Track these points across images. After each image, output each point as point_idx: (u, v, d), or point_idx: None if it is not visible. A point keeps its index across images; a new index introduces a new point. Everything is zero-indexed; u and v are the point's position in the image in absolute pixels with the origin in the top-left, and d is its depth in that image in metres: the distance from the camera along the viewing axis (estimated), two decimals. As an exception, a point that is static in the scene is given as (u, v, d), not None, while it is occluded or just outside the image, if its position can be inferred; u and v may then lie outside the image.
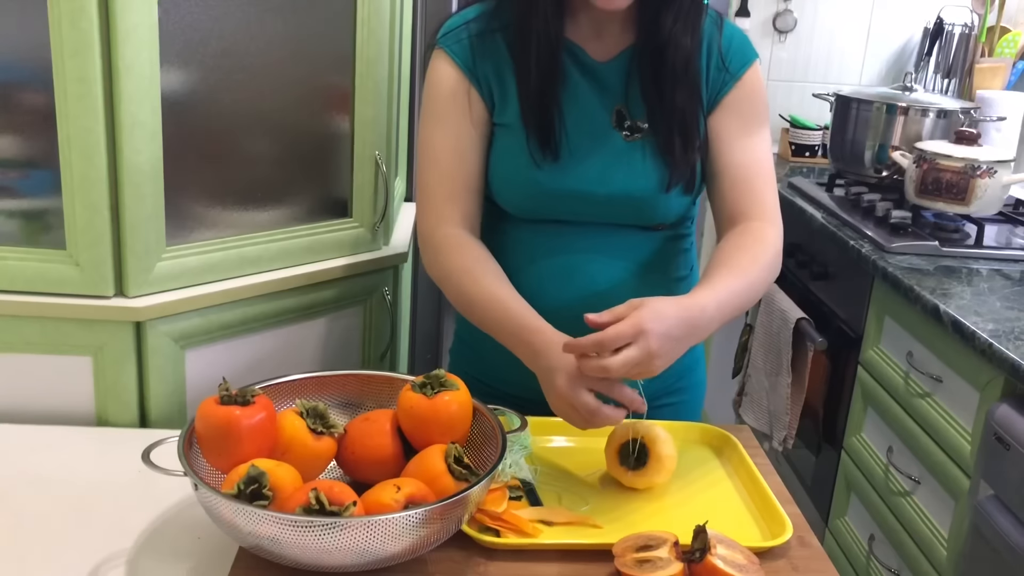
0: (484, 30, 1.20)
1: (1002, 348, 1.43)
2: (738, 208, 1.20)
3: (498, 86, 1.20)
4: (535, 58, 1.16)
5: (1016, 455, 1.38)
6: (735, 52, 1.22)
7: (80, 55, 1.15)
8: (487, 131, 1.21)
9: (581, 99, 1.19)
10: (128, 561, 0.96)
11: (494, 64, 1.20)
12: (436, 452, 0.96)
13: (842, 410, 2.04)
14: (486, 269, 1.16)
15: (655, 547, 0.92)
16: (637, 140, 1.19)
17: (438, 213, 1.20)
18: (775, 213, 1.21)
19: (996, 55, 2.73)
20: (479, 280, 1.15)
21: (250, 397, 0.95)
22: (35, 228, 1.24)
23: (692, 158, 1.19)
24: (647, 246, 1.24)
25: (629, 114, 1.20)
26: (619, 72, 1.20)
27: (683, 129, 1.18)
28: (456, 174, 1.19)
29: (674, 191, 1.20)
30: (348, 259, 1.49)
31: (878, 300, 1.91)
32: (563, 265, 1.21)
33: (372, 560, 0.86)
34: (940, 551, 1.61)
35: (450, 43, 1.21)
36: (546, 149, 1.17)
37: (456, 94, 1.19)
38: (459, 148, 1.19)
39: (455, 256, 1.17)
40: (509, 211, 1.23)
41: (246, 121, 1.36)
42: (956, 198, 2.03)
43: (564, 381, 1.02)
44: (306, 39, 1.39)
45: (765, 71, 3.09)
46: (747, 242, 1.16)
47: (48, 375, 1.26)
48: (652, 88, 1.18)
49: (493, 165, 1.21)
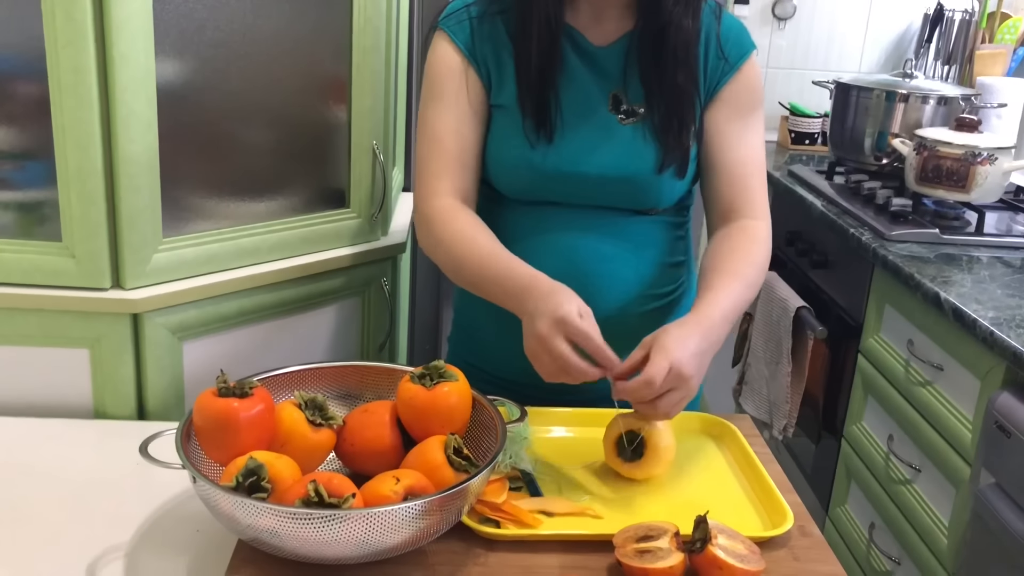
0: (484, 13, 1.22)
1: (1003, 336, 1.42)
2: (733, 206, 1.23)
3: (496, 68, 1.21)
4: (535, 42, 1.17)
5: (1017, 443, 1.37)
6: (734, 42, 1.23)
7: (74, 45, 1.14)
8: (484, 111, 1.23)
9: (578, 83, 1.20)
10: (126, 554, 0.96)
11: (493, 46, 1.21)
12: (435, 443, 0.96)
13: (842, 398, 2.03)
14: (477, 231, 1.17)
15: (656, 537, 0.91)
16: (632, 123, 1.20)
17: (431, 187, 1.21)
18: (765, 208, 1.25)
19: (996, 41, 2.72)
20: (470, 241, 1.16)
21: (248, 389, 0.94)
22: (31, 220, 1.23)
23: (686, 141, 1.21)
24: (643, 230, 1.24)
25: (626, 99, 1.21)
26: (617, 57, 1.21)
27: (680, 111, 1.19)
28: (451, 149, 1.21)
29: (667, 174, 1.20)
30: (346, 250, 1.49)
31: (878, 288, 1.91)
32: (559, 247, 1.22)
33: (372, 552, 0.86)
34: (941, 539, 1.61)
35: (451, 24, 1.23)
36: (541, 130, 1.18)
37: (454, 74, 1.21)
38: (455, 126, 1.21)
39: (447, 224, 1.18)
40: (505, 194, 1.24)
41: (242, 111, 1.35)
42: (956, 185, 2.02)
43: (546, 326, 1.01)
44: (302, 28, 1.38)
45: (764, 58, 3.08)
46: (742, 243, 1.19)
47: (45, 367, 1.26)
48: (652, 71, 1.19)
49: (489, 147, 1.23)
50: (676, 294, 1.29)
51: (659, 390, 0.99)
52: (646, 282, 1.25)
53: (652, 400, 1.00)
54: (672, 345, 1.00)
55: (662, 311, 1.27)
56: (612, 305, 1.22)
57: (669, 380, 0.99)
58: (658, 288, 1.26)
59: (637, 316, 1.24)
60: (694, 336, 1.03)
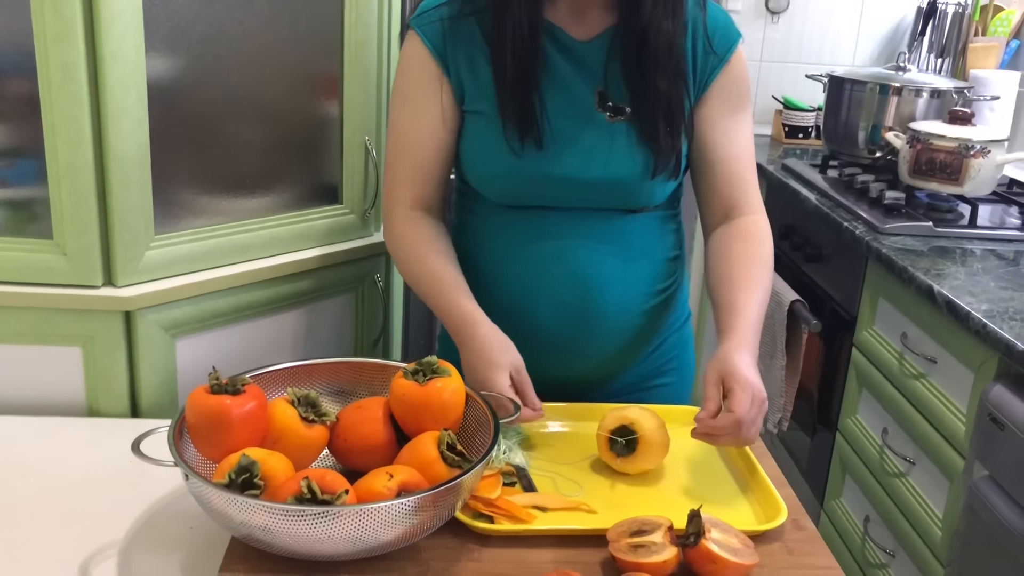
0: (458, 13, 1.18)
1: (996, 328, 1.43)
2: (731, 202, 1.22)
3: (469, 72, 1.18)
4: (511, 45, 1.13)
5: (1010, 435, 1.38)
6: (720, 34, 1.21)
7: (64, 42, 1.13)
8: (455, 117, 1.20)
9: (562, 81, 1.17)
10: (120, 552, 0.96)
11: (466, 49, 1.17)
12: (429, 439, 0.96)
13: (837, 392, 2.04)
14: (427, 249, 1.19)
15: (649, 532, 0.91)
16: (620, 122, 1.18)
17: (392, 194, 1.22)
18: (760, 202, 1.25)
19: (989, 34, 2.72)
20: (419, 262, 1.19)
21: (240, 386, 0.94)
22: (21, 217, 1.23)
23: (677, 144, 1.19)
24: (633, 228, 1.22)
25: (612, 96, 1.18)
26: (600, 51, 1.18)
27: (668, 114, 1.17)
28: (412, 157, 1.20)
29: (659, 176, 1.19)
30: (339, 246, 1.49)
31: (872, 281, 1.91)
32: (548, 251, 1.20)
33: (365, 548, 0.86)
34: (935, 531, 1.62)
35: (422, 25, 1.19)
36: (528, 137, 1.15)
37: (424, 78, 1.19)
38: (420, 133, 1.19)
39: (401, 240, 1.21)
40: (493, 199, 1.22)
41: (234, 107, 1.35)
42: (950, 178, 2.03)
43: (475, 383, 1.08)
44: (294, 23, 1.37)
45: (758, 52, 3.08)
46: (750, 245, 1.20)
47: (38, 365, 1.25)
48: (635, 73, 1.16)
49: (468, 154, 1.20)
50: (673, 288, 1.29)
51: (751, 423, 1.01)
52: (645, 280, 1.24)
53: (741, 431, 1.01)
54: (745, 375, 1.02)
55: (660, 307, 1.27)
56: (613, 306, 1.22)
57: (755, 410, 1.01)
58: (657, 284, 1.25)
59: (638, 314, 1.24)
60: (750, 358, 1.05)
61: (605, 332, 1.22)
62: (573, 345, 1.21)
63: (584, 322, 1.21)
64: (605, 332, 1.22)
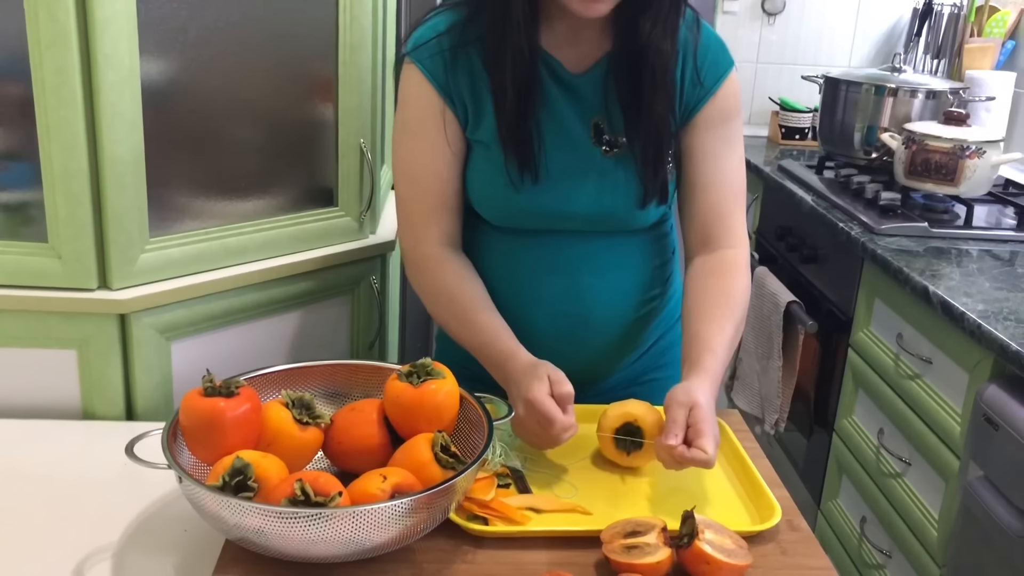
0: (457, 43, 1.15)
1: (991, 329, 1.43)
2: (710, 233, 1.21)
3: (472, 102, 1.16)
4: (510, 72, 1.12)
5: (1005, 436, 1.38)
6: (710, 65, 1.18)
7: (57, 45, 1.13)
8: (462, 148, 1.19)
9: (559, 115, 1.16)
10: (114, 555, 0.96)
11: (468, 80, 1.16)
12: (423, 441, 0.96)
13: (833, 393, 2.04)
14: (463, 288, 1.18)
15: (643, 533, 0.92)
16: (616, 156, 1.17)
17: (417, 234, 1.21)
18: (743, 235, 1.23)
19: (985, 35, 2.72)
20: (454, 302, 1.18)
21: (234, 388, 0.94)
22: (16, 221, 1.22)
23: (663, 173, 1.18)
24: (625, 243, 1.23)
25: (608, 127, 1.17)
26: (596, 83, 1.17)
27: (657, 141, 1.16)
28: (434, 192, 1.19)
29: (649, 205, 1.19)
30: (334, 248, 1.48)
31: (868, 282, 1.91)
32: (543, 265, 1.21)
33: (359, 550, 0.86)
34: (931, 532, 1.62)
35: (422, 57, 1.16)
36: (525, 171, 1.15)
37: (429, 112, 1.17)
38: (435, 166, 1.18)
39: (435, 276, 1.19)
40: (491, 222, 1.22)
41: (229, 110, 1.35)
42: (945, 179, 2.03)
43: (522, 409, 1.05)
44: (288, 26, 1.38)
45: (754, 54, 3.09)
46: (725, 282, 1.18)
47: (33, 369, 1.25)
48: (631, 95, 1.15)
49: (470, 182, 1.20)
50: (667, 293, 1.30)
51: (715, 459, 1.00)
52: (639, 288, 1.25)
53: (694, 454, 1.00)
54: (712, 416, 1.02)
55: (653, 312, 1.28)
56: (608, 316, 1.23)
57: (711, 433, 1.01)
58: (650, 291, 1.26)
59: (631, 321, 1.25)
60: (713, 398, 1.05)
61: (599, 337, 1.24)
62: (568, 348, 1.22)
63: (579, 329, 1.22)
64: (599, 337, 1.24)
